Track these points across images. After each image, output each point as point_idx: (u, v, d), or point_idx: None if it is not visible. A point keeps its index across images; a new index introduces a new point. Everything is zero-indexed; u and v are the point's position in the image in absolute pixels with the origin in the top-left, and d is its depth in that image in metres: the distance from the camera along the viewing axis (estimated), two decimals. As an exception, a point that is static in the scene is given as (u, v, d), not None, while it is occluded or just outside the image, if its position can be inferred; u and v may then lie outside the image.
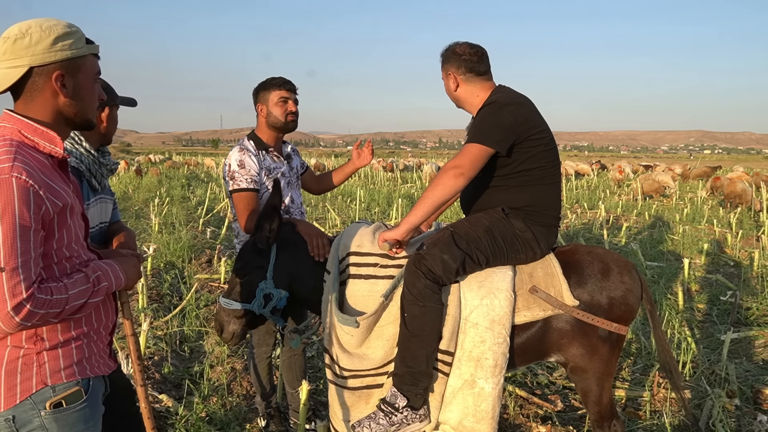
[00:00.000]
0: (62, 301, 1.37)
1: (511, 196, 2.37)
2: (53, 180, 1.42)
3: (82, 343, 1.52)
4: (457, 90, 2.47)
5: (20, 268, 1.29)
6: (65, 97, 1.46)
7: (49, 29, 1.41)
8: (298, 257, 2.53)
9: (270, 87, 2.87)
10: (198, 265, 7.13)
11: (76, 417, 1.48)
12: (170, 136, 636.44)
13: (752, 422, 3.36)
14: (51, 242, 1.40)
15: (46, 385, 1.43)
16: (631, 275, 2.43)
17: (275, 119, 2.87)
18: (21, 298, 1.28)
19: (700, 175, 25.36)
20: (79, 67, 1.48)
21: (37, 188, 1.33)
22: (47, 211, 1.36)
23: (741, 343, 4.72)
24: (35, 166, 1.37)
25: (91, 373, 1.54)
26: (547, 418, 3.44)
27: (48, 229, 1.39)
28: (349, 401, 2.35)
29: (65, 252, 1.46)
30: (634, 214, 13.03)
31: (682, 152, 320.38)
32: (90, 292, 1.45)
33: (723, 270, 7.34)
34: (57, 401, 1.44)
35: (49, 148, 1.45)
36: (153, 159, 36.83)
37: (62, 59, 1.43)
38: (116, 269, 1.56)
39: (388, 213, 12.01)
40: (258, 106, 2.90)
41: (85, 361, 1.53)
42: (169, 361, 4.14)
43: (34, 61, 1.40)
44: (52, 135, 1.46)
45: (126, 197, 15.13)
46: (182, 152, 71.93)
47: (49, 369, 1.44)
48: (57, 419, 1.44)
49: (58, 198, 1.40)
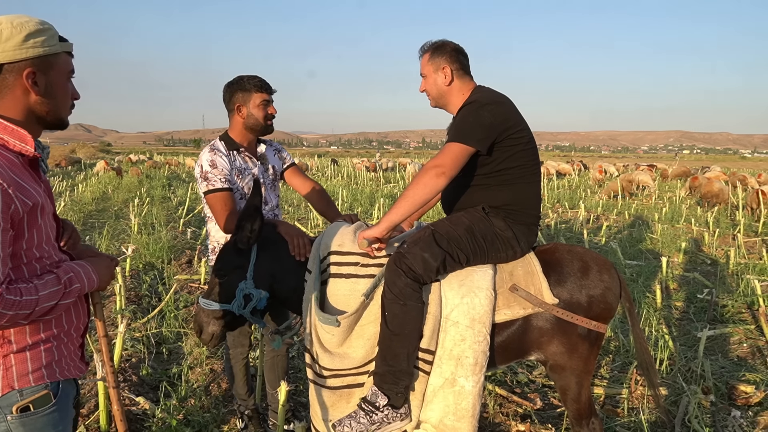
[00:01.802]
0: (32, 302, 1.33)
1: (491, 195, 2.38)
2: (23, 179, 1.38)
3: (51, 346, 1.48)
4: (451, 84, 2.46)
5: None
6: (36, 95, 1.43)
7: (20, 26, 1.38)
8: (278, 257, 2.51)
9: (250, 89, 2.79)
10: (178, 265, 7.05)
11: (44, 421, 1.44)
12: (151, 135, 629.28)
13: (726, 418, 3.41)
14: (20, 242, 1.37)
15: (13, 389, 1.39)
16: (610, 273, 2.45)
17: (255, 122, 2.82)
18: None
19: (679, 175, 25.81)
20: (51, 65, 1.45)
21: (5, 186, 1.29)
22: (16, 210, 1.32)
23: (717, 340, 4.81)
24: (4, 164, 1.34)
25: (60, 376, 1.50)
26: (526, 416, 3.46)
27: (17, 228, 1.35)
28: (330, 401, 2.34)
29: (35, 252, 1.42)
30: (614, 213, 13.20)
31: (662, 152, 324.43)
32: (61, 293, 1.41)
33: (700, 268, 7.47)
34: (24, 405, 1.40)
35: (19, 146, 1.41)
36: (133, 159, 36.38)
37: (33, 56, 1.40)
38: (89, 270, 1.53)
39: (370, 213, 12.00)
40: (235, 105, 2.80)
41: (55, 364, 1.49)
42: (147, 363, 4.09)
43: (4, 58, 1.37)
44: (23, 133, 1.42)
45: (105, 197, 14.92)
46: (163, 152, 71.17)
47: (17, 372, 1.40)
48: (24, 423, 1.40)
49: (28, 197, 1.36)
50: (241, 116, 2.82)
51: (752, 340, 4.78)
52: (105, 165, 23.33)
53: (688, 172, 25.89)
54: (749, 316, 5.41)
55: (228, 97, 2.83)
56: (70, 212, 11.17)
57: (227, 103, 2.85)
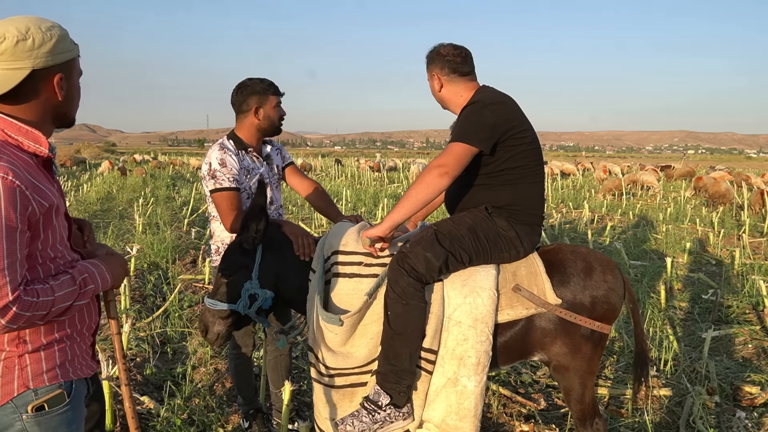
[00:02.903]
0: (48, 303, 1.35)
1: (494, 195, 2.38)
2: (39, 180, 1.39)
3: (65, 346, 1.50)
4: (441, 90, 2.49)
5: (6, 270, 1.26)
6: (62, 98, 1.47)
7: (49, 32, 1.40)
8: (283, 257, 2.52)
9: (266, 92, 2.83)
10: (182, 265, 7.08)
11: (58, 420, 1.46)
12: (156, 135, 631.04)
13: (731, 419, 3.41)
14: (36, 243, 1.38)
15: (28, 389, 1.41)
16: (614, 274, 2.45)
17: (271, 123, 2.87)
18: (7, 300, 1.26)
19: (683, 175, 25.78)
20: (72, 69, 1.49)
21: (23, 188, 1.30)
22: (33, 211, 1.33)
23: (722, 341, 4.79)
24: (21, 166, 1.35)
25: (74, 375, 1.51)
26: (530, 417, 3.46)
27: (33, 230, 1.36)
28: (334, 399, 2.34)
29: (50, 253, 1.43)
30: (619, 213, 13.16)
31: (667, 152, 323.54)
32: (76, 294, 1.43)
33: (705, 269, 7.44)
34: (39, 404, 1.42)
35: (33, 147, 1.43)
36: (138, 159, 36.50)
37: (62, 62, 1.44)
38: (102, 270, 1.54)
39: (374, 213, 12.01)
40: (252, 107, 2.82)
41: (68, 363, 1.51)
42: (152, 362, 4.10)
43: (36, 65, 1.38)
44: (37, 134, 1.43)
45: (110, 197, 14.98)
46: (168, 152, 71.36)
47: (32, 372, 1.42)
48: (39, 422, 1.42)
49: (44, 198, 1.37)
50: (257, 118, 2.84)
51: (757, 341, 4.76)
52: (109, 165, 23.42)
53: (692, 171, 25.87)
54: (754, 316, 5.39)
55: (242, 99, 2.84)
56: (75, 212, 11.22)
57: (240, 105, 2.85)
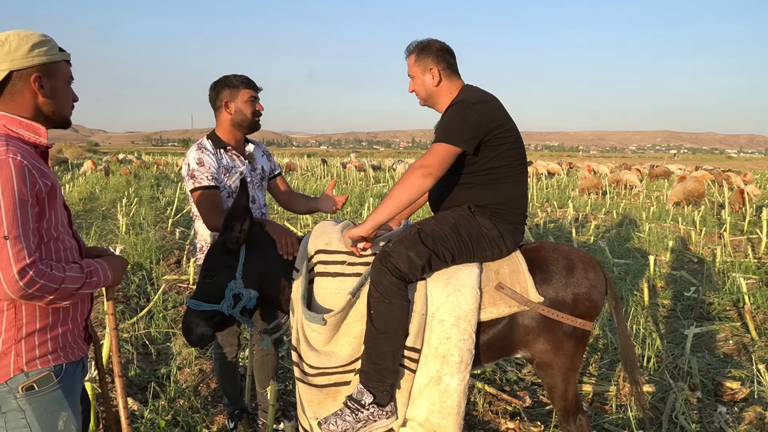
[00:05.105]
0: (59, 279, 1.50)
1: (477, 194, 2.39)
2: (41, 164, 1.57)
3: (57, 334, 1.64)
4: (439, 85, 2.45)
5: (22, 237, 1.42)
6: (43, 97, 1.64)
7: (26, 38, 1.60)
8: (267, 256, 2.50)
9: (238, 85, 2.81)
10: (166, 266, 7.01)
11: (49, 398, 1.60)
12: (140, 135, 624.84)
13: (713, 414, 3.45)
14: (42, 221, 1.55)
15: (22, 371, 1.56)
16: (596, 271, 2.47)
17: (243, 117, 2.83)
18: (25, 263, 1.41)
19: (661, 175, 26.31)
20: (54, 71, 1.67)
21: (30, 167, 1.49)
22: (40, 189, 1.51)
23: (703, 338, 4.86)
24: (26, 151, 1.53)
25: (65, 359, 1.66)
26: (515, 414, 3.48)
27: (40, 206, 1.53)
28: (317, 399, 2.33)
29: (53, 233, 1.60)
30: (603, 212, 13.28)
31: (650, 152, 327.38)
32: (83, 282, 1.59)
33: (687, 266, 7.54)
34: (29, 384, 1.56)
35: (33, 138, 1.62)
36: (120, 158, 36.10)
37: (39, 64, 1.62)
38: (105, 268, 1.72)
39: (360, 212, 12.00)
40: (223, 101, 2.81)
41: (60, 349, 1.65)
42: (135, 363, 4.06)
43: (13, 66, 1.58)
44: (36, 126, 1.63)
45: (93, 198, 14.80)
46: (152, 152, 70.69)
47: (26, 357, 1.57)
48: (31, 401, 1.57)
49: (47, 179, 1.55)
50: (228, 112, 2.83)
51: (738, 337, 4.84)
52: (92, 165, 23.15)
53: (668, 171, 26.66)
54: (735, 313, 5.47)
55: (215, 95, 2.84)
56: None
57: (214, 100, 2.85)
